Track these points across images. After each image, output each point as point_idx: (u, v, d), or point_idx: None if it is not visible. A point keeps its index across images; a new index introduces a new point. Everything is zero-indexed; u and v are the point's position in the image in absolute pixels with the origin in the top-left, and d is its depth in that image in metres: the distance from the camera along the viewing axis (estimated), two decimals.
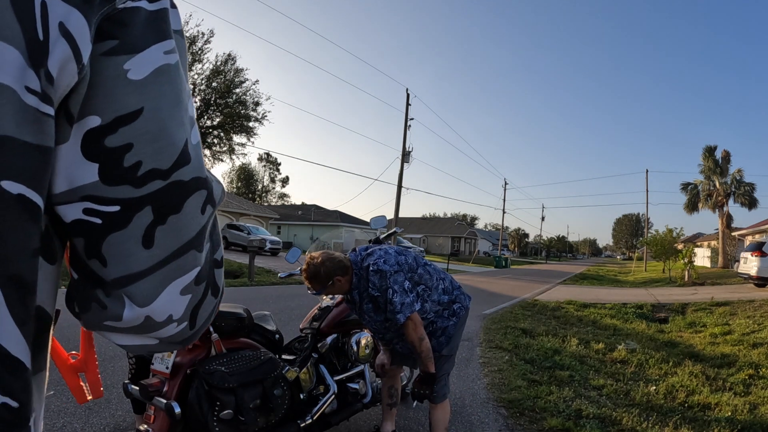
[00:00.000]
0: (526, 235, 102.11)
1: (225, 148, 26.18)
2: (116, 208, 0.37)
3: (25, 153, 0.33)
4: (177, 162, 0.39)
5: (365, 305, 2.42)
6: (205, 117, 24.93)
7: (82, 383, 0.66)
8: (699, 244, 40.26)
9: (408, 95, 25.72)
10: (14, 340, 0.34)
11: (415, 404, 3.53)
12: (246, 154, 32.69)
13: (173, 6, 0.42)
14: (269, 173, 65.59)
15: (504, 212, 51.79)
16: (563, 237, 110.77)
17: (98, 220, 0.37)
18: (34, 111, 0.33)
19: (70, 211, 0.37)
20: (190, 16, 31.41)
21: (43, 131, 0.34)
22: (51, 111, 0.34)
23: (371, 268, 2.33)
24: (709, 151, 29.54)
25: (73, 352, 0.69)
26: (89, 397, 0.66)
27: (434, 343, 2.52)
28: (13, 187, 0.33)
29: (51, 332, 0.41)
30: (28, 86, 0.33)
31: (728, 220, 28.57)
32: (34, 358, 0.37)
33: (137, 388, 2.04)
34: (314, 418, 2.51)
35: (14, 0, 0.32)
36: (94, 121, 0.36)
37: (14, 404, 0.35)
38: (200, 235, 0.42)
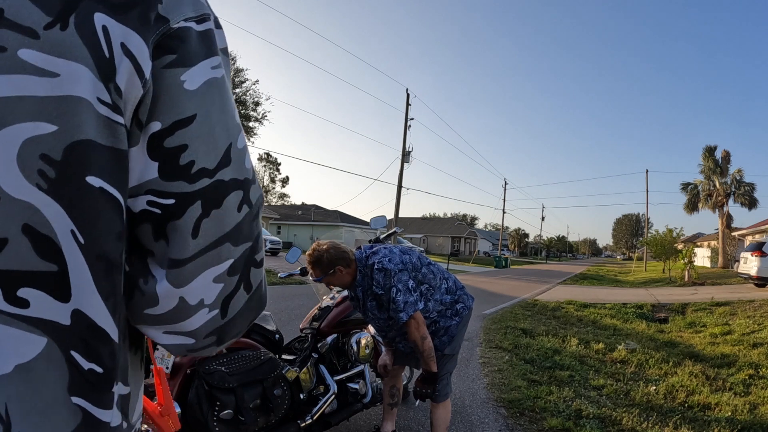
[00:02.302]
0: (526, 235, 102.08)
1: None
2: (172, 201, 0.43)
3: (103, 154, 0.40)
4: (220, 163, 0.45)
5: (369, 303, 2.43)
6: None
7: (170, 422, 0.79)
8: (699, 244, 40.25)
9: (408, 95, 25.72)
10: (101, 312, 0.41)
11: (417, 403, 3.54)
12: None
13: (218, 27, 0.49)
14: (269, 173, 65.58)
15: (504, 212, 51.81)
16: (563, 237, 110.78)
17: (158, 211, 0.44)
18: (107, 119, 0.40)
19: (137, 202, 0.44)
20: None
21: (116, 136, 0.40)
22: (121, 120, 0.41)
23: (376, 267, 2.35)
24: (709, 151, 29.55)
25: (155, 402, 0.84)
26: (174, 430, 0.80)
27: (437, 343, 2.52)
28: (95, 181, 0.39)
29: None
30: (100, 98, 0.39)
31: (728, 220, 28.58)
32: (122, 333, 0.44)
33: None
34: (314, 418, 2.51)
35: (78, 25, 0.38)
36: (156, 125, 0.42)
37: (100, 369, 0.41)
38: (236, 230, 0.46)
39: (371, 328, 3.25)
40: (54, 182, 0.38)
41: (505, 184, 53.06)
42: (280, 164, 65.89)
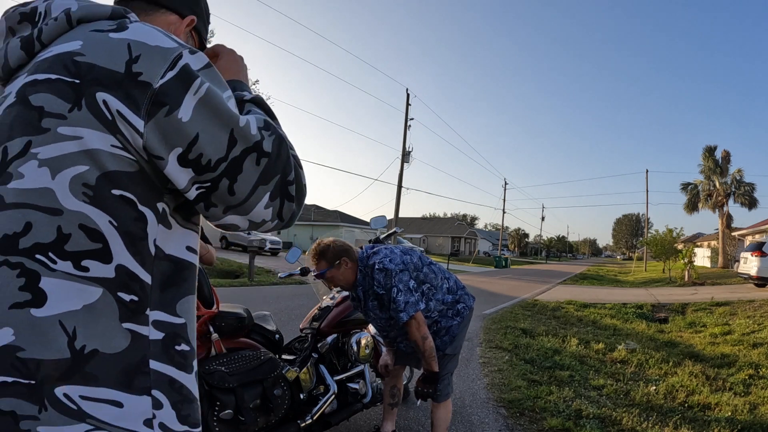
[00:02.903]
0: (526, 235, 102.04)
1: None
2: (209, 183, 0.67)
3: (119, 176, 0.63)
4: (227, 148, 0.66)
5: (370, 302, 2.43)
6: None
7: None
8: (699, 244, 40.24)
9: (408, 95, 25.72)
10: (132, 264, 0.64)
11: (418, 402, 3.53)
12: None
13: (192, 52, 0.68)
14: None
15: (504, 212, 51.81)
16: (563, 237, 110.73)
17: (203, 190, 0.68)
18: (120, 156, 0.63)
19: (191, 192, 0.68)
20: None
21: (128, 165, 0.64)
22: (130, 156, 0.64)
23: (377, 267, 2.35)
24: (709, 151, 29.54)
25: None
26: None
27: (438, 343, 2.52)
28: (117, 192, 0.63)
29: (192, 277, 0.73)
30: (112, 144, 0.63)
31: (728, 220, 28.58)
32: (161, 283, 0.67)
33: None
34: (314, 418, 2.51)
35: (88, 104, 0.62)
36: (177, 150, 0.65)
37: (136, 299, 0.64)
38: (261, 175, 0.69)
39: (371, 328, 3.24)
40: (93, 197, 0.62)
41: (505, 184, 53.08)
42: None
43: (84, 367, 0.59)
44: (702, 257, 32.39)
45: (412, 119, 25.71)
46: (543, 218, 73.08)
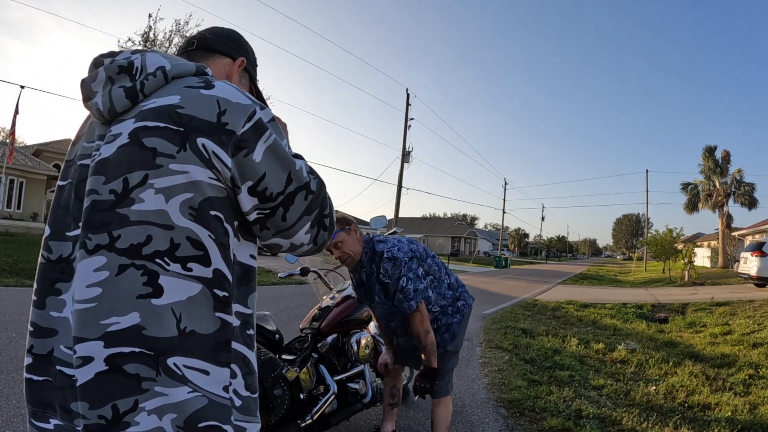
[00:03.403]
0: (526, 235, 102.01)
1: None
2: (267, 210, 0.87)
3: (215, 200, 0.82)
4: (286, 185, 0.87)
5: (375, 287, 2.42)
6: None
7: None
8: (699, 244, 40.24)
9: (408, 95, 25.72)
10: (224, 269, 0.83)
11: (416, 398, 3.53)
12: None
13: (262, 108, 0.88)
14: None
15: (504, 212, 51.78)
16: (563, 237, 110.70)
17: (262, 215, 0.87)
18: (216, 185, 0.82)
19: (252, 215, 0.87)
20: (190, 16, 31.39)
21: (221, 192, 0.83)
22: (222, 185, 0.83)
23: (385, 255, 2.33)
24: (709, 151, 29.53)
25: None
26: None
27: (438, 340, 2.53)
28: (213, 213, 0.82)
29: (254, 278, 0.93)
30: (210, 176, 0.81)
31: (728, 220, 28.56)
32: (237, 282, 0.87)
33: None
34: (314, 418, 2.51)
35: (191, 147, 0.80)
36: (249, 182, 0.84)
37: (226, 294, 0.83)
38: (307, 209, 0.90)
39: (371, 328, 3.24)
40: (196, 216, 0.81)
41: (505, 184, 53.04)
42: None
43: (185, 343, 0.79)
44: (702, 257, 32.38)
45: (412, 119, 25.72)
46: (543, 218, 73.02)
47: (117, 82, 0.88)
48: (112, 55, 0.91)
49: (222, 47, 1.06)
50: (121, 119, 0.85)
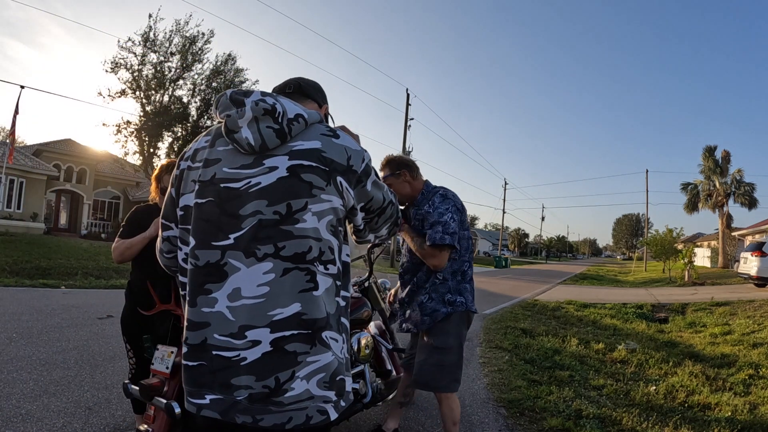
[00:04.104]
0: (526, 235, 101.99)
1: None
2: (369, 219, 1.28)
3: (342, 220, 1.17)
4: (382, 203, 1.27)
5: (413, 222, 2.57)
6: (205, 117, 24.87)
7: None
8: (699, 244, 40.24)
9: (408, 95, 25.73)
10: (340, 264, 1.16)
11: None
12: None
13: (367, 152, 1.19)
14: None
15: (504, 212, 51.79)
16: (563, 237, 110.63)
17: (366, 222, 1.29)
18: (343, 210, 1.15)
19: (361, 224, 1.28)
20: (190, 16, 31.42)
21: (343, 214, 1.16)
22: (345, 209, 1.16)
23: (440, 192, 2.53)
24: (709, 151, 29.53)
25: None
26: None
27: (416, 317, 2.55)
28: (340, 228, 1.16)
29: (350, 271, 1.24)
30: (342, 204, 1.14)
31: (728, 220, 28.56)
32: (343, 274, 1.18)
33: (137, 388, 2.04)
34: None
35: (332, 183, 1.10)
36: (362, 203, 1.21)
37: (341, 283, 1.16)
38: (390, 216, 1.32)
39: (371, 328, 3.25)
40: (333, 232, 1.11)
41: (505, 184, 53.02)
42: None
43: (329, 321, 1.08)
44: (702, 257, 32.39)
45: (412, 119, 25.76)
46: (543, 218, 73.00)
47: (262, 122, 1.08)
48: (246, 94, 1.12)
49: (314, 94, 1.33)
50: (272, 154, 1.09)
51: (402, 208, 2.74)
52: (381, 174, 2.64)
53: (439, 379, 2.51)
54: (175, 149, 23.97)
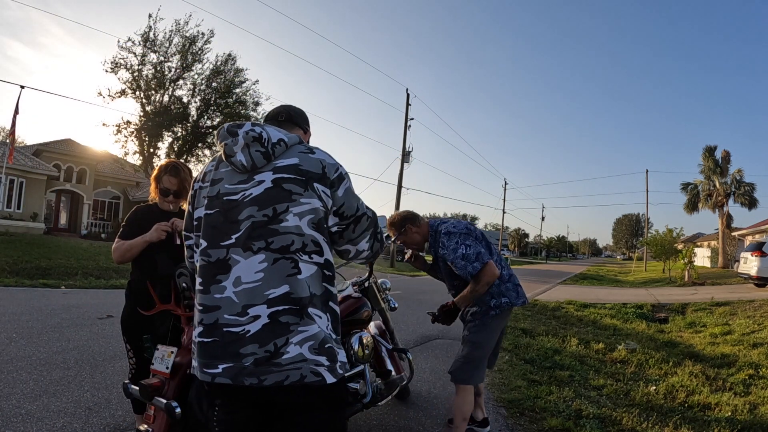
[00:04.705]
0: (526, 235, 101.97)
1: None
2: (343, 226, 1.45)
3: (324, 218, 1.39)
4: (355, 211, 1.46)
5: (440, 261, 2.84)
6: (205, 117, 24.87)
7: None
8: (699, 244, 40.24)
9: (408, 95, 25.73)
10: (330, 257, 1.42)
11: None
12: None
13: (342, 170, 1.44)
14: None
15: (504, 212, 51.77)
16: (563, 237, 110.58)
17: (340, 229, 1.45)
18: (324, 210, 1.38)
19: (334, 228, 1.44)
20: (190, 16, 31.38)
21: (324, 214, 1.38)
22: (326, 210, 1.38)
23: (443, 231, 2.74)
24: (709, 151, 29.52)
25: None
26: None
27: (469, 318, 2.83)
28: (324, 224, 1.39)
29: (334, 268, 1.45)
30: (322, 206, 1.37)
31: (728, 220, 28.55)
32: (329, 268, 1.40)
33: (137, 388, 2.04)
34: None
35: (310, 188, 1.35)
36: (334, 208, 1.41)
37: (330, 273, 1.41)
38: (366, 227, 1.50)
39: (371, 328, 3.25)
40: (316, 227, 1.35)
41: (505, 184, 53.01)
42: None
43: (313, 300, 1.32)
44: (702, 257, 32.38)
45: (412, 119, 25.74)
46: (543, 218, 72.95)
47: (252, 147, 1.36)
48: (239, 126, 1.39)
49: (300, 123, 1.63)
50: (260, 171, 1.37)
51: (422, 253, 3.15)
52: (391, 236, 2.98)
53: (463, 371, 2.76)
54: (175, 149, 23.97)
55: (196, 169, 28.89)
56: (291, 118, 1.61)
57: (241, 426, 1.38)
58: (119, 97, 22.19)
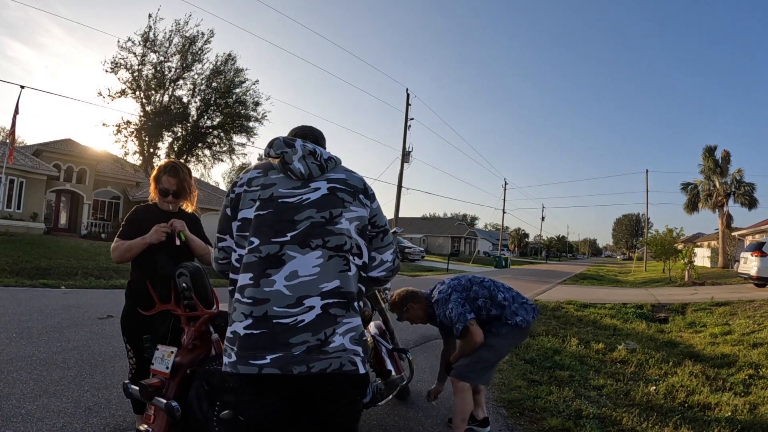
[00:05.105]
0: (526, 235, 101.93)
1: (225, 148, 26.06)
2: (374, 234, 1.66)
3: (366, 225, 1.64)
4: (383, 224, 1.69)
5: (447, 326, 2.99)
6: (205, 117, 24.86)
7: None
8: (699, 244, 40.24)
9: (408, 95, 25.73)
10: (367, 259, 1.63)
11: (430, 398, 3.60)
12: (246, 154, 32.53)
13: (372, 189, 1.71)
14: None
15: (504, 212, 51.74)
16: (563, 237, 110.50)
17: (371, 235, 1.66)
18: (366, 217, 1.63)
19: (371, 233, 1.67)
20: (190, 16, 31.38)
21: (368, 221, 1.64)
22: (366, 219, 1.64)
23: (434, 299, 2.98)
24: (709, 151, 29.51)
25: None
26: None
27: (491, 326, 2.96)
28: (366, 231, 1.63)
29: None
30: (364, 214, 1.63)
31: (728, 220, 28.54)
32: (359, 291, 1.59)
33: (137, 388, 2.04)
34: None
35: (357, 199, 1.62)
36: (371, 217, 1.66)
37: (365, 275, 1.62)
38: (390, 242, 1.71)
39: (371, 328, 3.25)
40: (360, 233, 1.59)
41: (505, 184, 52.99)
42: None
43: (356, 295, 1.51)
44: (702, 257, 32.38)
45: (412, 119, 25.73)
46: (543, 218, 72.86)
47: (308, 159, 1.59)
48: (294, 140, 1.61)
49: (323, 143, 1.81)
50: (315, 180, 1.58)
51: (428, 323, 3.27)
52: (395, 317, 3.19)
53: (469, 368, 2.85)
54: (175, 149, 23.96)
55: (196, 169, 28.64)
56: (317, 140, 1.79)
57: (271, 420, 1.45)
58: (119, 97, 22.22)
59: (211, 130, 25.46)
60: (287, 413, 1.47)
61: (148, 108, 22.81)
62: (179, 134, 24.24)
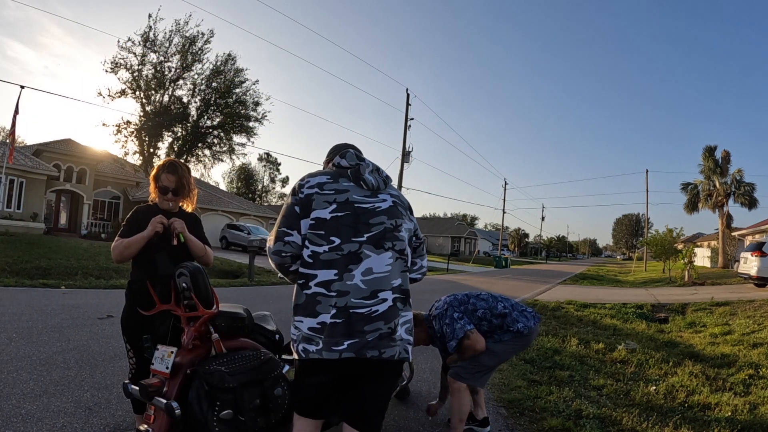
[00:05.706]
0: (526, 235, 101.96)
1: (225, 148, 26.10)
2: (417, 243, 2.03)
3: (409, 236, 1.95)
4: (422, 236, 2.06)
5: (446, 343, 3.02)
6: (205, 117, 24.87)
7: None
8: (699, 244, 40.23)
9: (408, 95, 25.72)
10: (406, 284, 1.83)
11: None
12: (246, 154, 32.54)
13: (411, 206, 2.06)
14: (269, 173, 65.45)
15: (504, 212, 51.73)
16: (563, 237, 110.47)
17: (416, 245, 2.02)
18: (413, 230, 1.98)
19: (414, 243, 2.00)
20: (190, 16, 31.37)
21: (412, 233, 1.98)
22: (413, 231, 1.97)
23: (431, 317, 3.02)
24: (709, 151, 29.51)
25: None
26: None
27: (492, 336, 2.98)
28: (411, 240, 1.96)
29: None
30: (412, 226, 1.97)
31: (728, 220, 28.54)
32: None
33: (137, 388, 2.04)
34: None
35: (408, 213, 1.95)
36: (414, 228, 2.01)
37: (402, 296, 1.80)
38: (425, 252, 2.10)
39: None
40: (409, 242, 1.90)
41: (505, 184, 52.98)
42: (280, 164, 65.78)
43: (409, 291, 1.82)
44: (702, 257, 32.38)
45: (412, 119, 25.72)
46: (543, 218, 72.84)
47: (375, 173, 1.86)
48: (363, 158, 1.89)
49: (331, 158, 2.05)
50: (381, 192, 1.85)
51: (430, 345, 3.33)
52: None
53: (467, 370, 2.86)
54: (175, 149, 23.98)
55: (196, 169, 28.67)
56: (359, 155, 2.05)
57: (324, 393, 1.71)
58: (119, 97, 22.27)
59: (211, 130, 25.47)
60: (334, 390, 1.71)
61: (148, 108, 22.82)
62: (179, 134, 24.25)
